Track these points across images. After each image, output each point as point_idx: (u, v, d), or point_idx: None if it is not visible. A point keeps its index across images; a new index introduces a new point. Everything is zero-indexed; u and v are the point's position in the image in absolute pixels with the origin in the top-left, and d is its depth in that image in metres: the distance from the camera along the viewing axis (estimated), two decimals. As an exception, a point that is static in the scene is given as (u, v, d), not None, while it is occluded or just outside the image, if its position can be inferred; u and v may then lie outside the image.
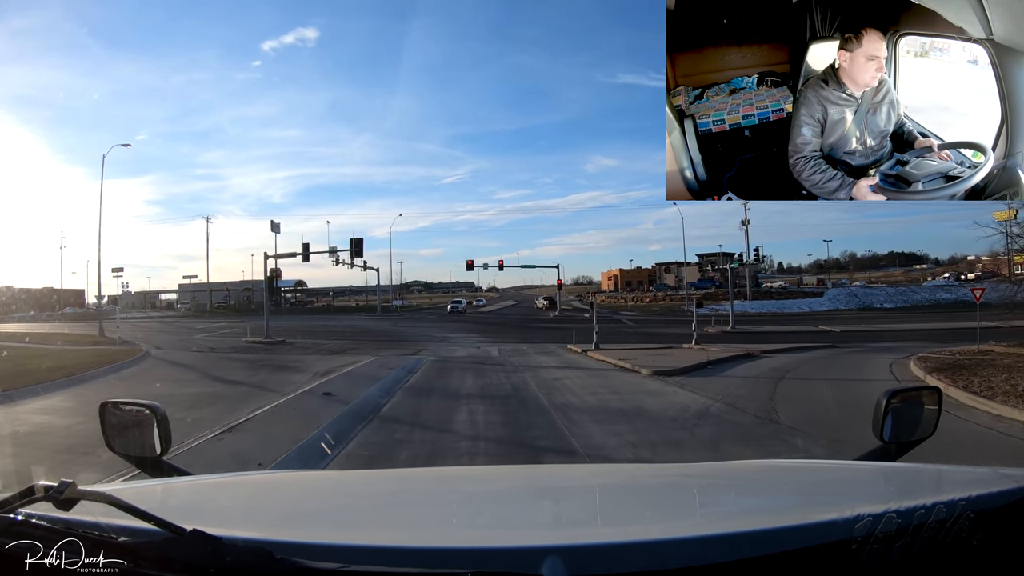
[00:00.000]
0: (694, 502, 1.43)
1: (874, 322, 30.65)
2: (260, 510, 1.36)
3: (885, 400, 1.56)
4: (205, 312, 61.98)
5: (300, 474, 2.87)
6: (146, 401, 1.61)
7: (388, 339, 24.84)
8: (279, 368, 14.64)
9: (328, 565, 0.84)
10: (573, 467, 3.84)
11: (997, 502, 0.97)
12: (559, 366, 14.51)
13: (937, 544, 0.87)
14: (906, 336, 20.44)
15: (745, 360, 14.49)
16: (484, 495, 1.55)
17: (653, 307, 55.51)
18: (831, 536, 0.88)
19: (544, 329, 31.15)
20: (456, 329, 31.78)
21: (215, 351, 19.88)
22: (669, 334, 23.22)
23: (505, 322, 40.04)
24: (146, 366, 15.41)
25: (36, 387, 10.58)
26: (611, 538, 0.93)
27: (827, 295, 51.59)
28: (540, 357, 16.54)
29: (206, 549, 0.84)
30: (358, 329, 32.19)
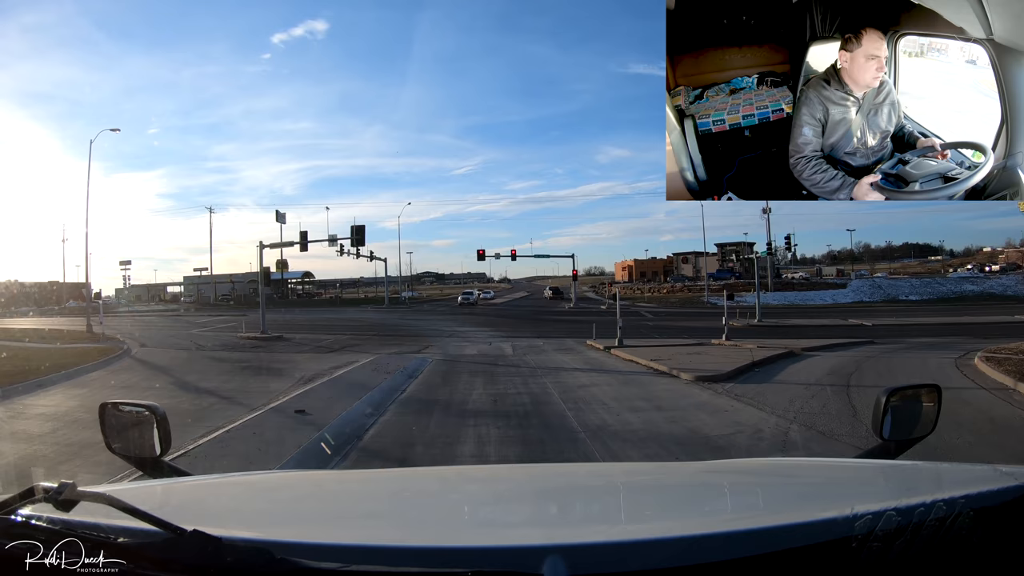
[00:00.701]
0: (695, 500, 1.43)
1: (904, 315, 29.05)
2: (260, 510, 1.36)
3: (885, 398, 1.56)
4: (209, 305, 59.88)
5: (300, 474, 2.87)
6: (145, 402, 1.62)
7: (393, 334, 23.21)
8: (262, 371, 13.18)
9: (328, 565, 0.84)
10: (573, 466, 3.84)
11: (997, 500, 0.97)
12: (583, 368, 12.82)
13: (937, 542, 0.87)
14: (943, 331, 19.30)
15: (791, 360, 12.72)
16: (484, 494, 1.55)
17: (671, 299, 52.89)
18: (831, 534, 0.88)
19: (560, 322, 29.33)
20: (466, 322, 29.92)
21: (202, 349, 18.47)
22: (694, 328, 21.47)
23: (518, 314, 38.10)
24: (115, 368, 13.73)
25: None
26: (612, 537, 0.93)
27: (850, 286, 49.57)
28: (559, 356, 14.98)
29: (206, 549, 0.84)
30: (363, 323, 30.38)
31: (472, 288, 71.90)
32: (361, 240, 25.33)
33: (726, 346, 15.74)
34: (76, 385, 11.21)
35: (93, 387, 11.03)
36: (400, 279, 69.37)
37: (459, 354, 16.17)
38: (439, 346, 18.30)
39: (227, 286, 69.12)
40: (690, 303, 46.48)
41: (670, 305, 45.27)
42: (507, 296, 71.10)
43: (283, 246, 27.73)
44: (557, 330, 23.71)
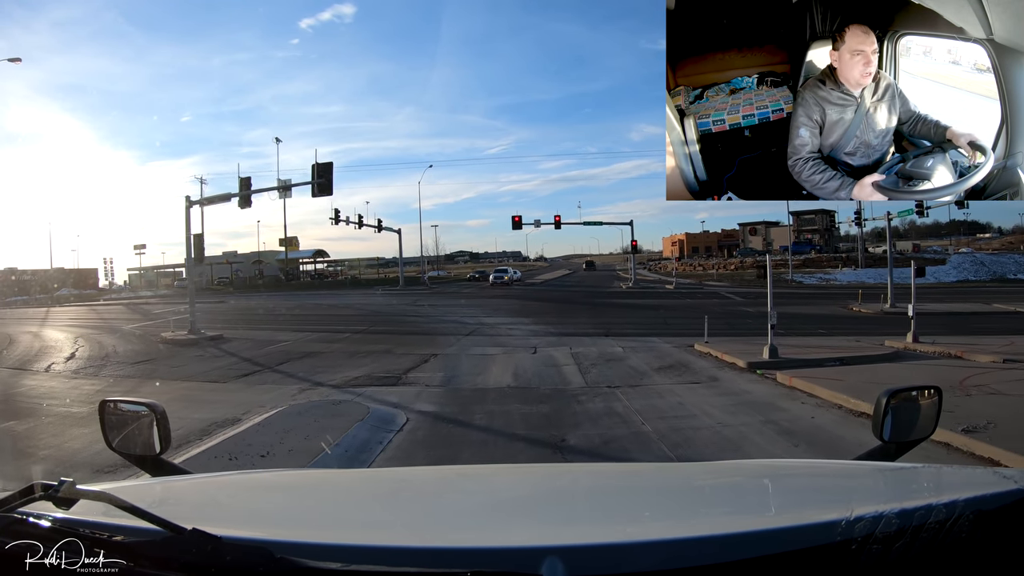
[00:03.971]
0: (694, 502, 1.43)
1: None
2: (260, 510, 1.36)
3: (885, 399, 1.56)
4: (201, 289, 52.87)
5: (300, 473, 2.87)
6: (145, 400, 1.62)
7: (388, 331, 16.71)
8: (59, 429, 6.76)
9: (328, 565, 0.83)
10: (573, 467, 3.84)
11: (996, 503, 0.97)
12: (773, 435, 6.08)
13: (937, 545, 0.87)
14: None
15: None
16: (484, 494, 1.54)
17: (745, 276, 44.02)
18: (831, 536, 0.88)
19: (623, 308, 22.25)
20: (497, 309, 22.31)
21: (47, 370, 11.69)
22: (806, 317, 16.43)
23: (565, 296, 30.07)
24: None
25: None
26: (611, 538, 0.93)
27: (950, 263, 42.90)
28: (668, 381, 8.63)
29: (206, 548, 0.84)
30: (356, 313, 23.40)
31: (506, 265, 61.19)
32: (327, 185, 16.76)
33: (935, 353, 10.49)
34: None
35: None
36: (426, 258, 60.12)
37: (477, 381, 9.12)
38: (447, 358, 11.31)
39: (226, 268, 62.07)
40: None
41: (747, 283, 36.92)
42: (546, 274, 61.43)
43: (215, 201, 19.24)
44: (625, 320, 17.41)
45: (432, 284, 47.75)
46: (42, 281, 52.67)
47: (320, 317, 21.66)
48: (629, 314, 19.64)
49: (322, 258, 69.46)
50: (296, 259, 64.92)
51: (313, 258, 67.92)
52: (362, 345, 13.68)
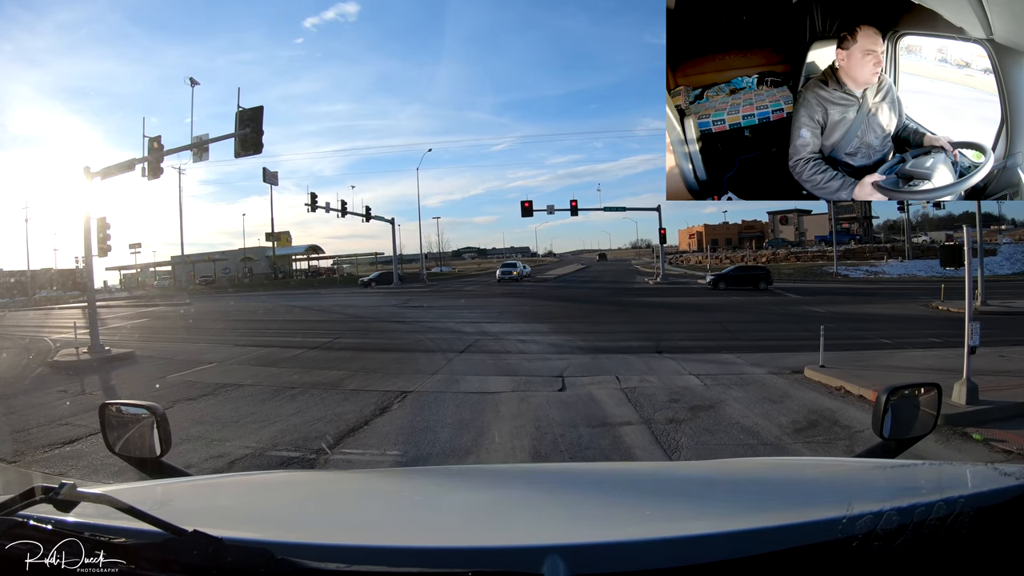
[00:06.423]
0: (695, 500, 1.42)
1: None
2: (260, 510, 1.36)
3: (885, 396, 1.56)
4: (183, 289, 46.61)
5: (300, 474, 2.87)
6: (145, 402, 1.62)
7: (355, 345, 12.90)
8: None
9: (328, 565, 0.84)
10: (573, 466, 3.84)
11: (996, 499, 0.97)
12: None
13: (937, 541, 0.87)
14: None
15: None
16: (485, 494, 1.54)
17: (783, 268, 39.19)
18: (832, 534, 0.88)
19: (662, 309, 17.82)
20: (504, 312, 18.27)
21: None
22: (880, 318, 13.14)
23: (587, 295, 25.11)
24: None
25: None
26: (612, 537, 0.93)
27: (1001, 253, 39.44)
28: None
29: (207, 550, 0.84)
30: (332, 317, 19.70)
31: (514, 260, 56.95)
32: (257, 142, 12.40)
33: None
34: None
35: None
36: (429, 254, 56.86)
37: (464, 463, 5.11)
38: (422, 401, 7.29)
39: (208, 265, 58.39)
40: (812, 275, 34.22)
41: (786, 278, 32.12)
42: (557, 269, 55.24)
43: (114, 172, 13.71)
44: (674, 327, 13.69)
45: (431, 281, 44.50)
46: (20, 282, 50.27)
47: (283, 324, 18.32)
48: (673, 317, 15.68)
49: (316, 254, 65.99)
50: (288, 256, 61.67)
51: (306, 254, 64.11)
52: (307, 371, 9.90)
